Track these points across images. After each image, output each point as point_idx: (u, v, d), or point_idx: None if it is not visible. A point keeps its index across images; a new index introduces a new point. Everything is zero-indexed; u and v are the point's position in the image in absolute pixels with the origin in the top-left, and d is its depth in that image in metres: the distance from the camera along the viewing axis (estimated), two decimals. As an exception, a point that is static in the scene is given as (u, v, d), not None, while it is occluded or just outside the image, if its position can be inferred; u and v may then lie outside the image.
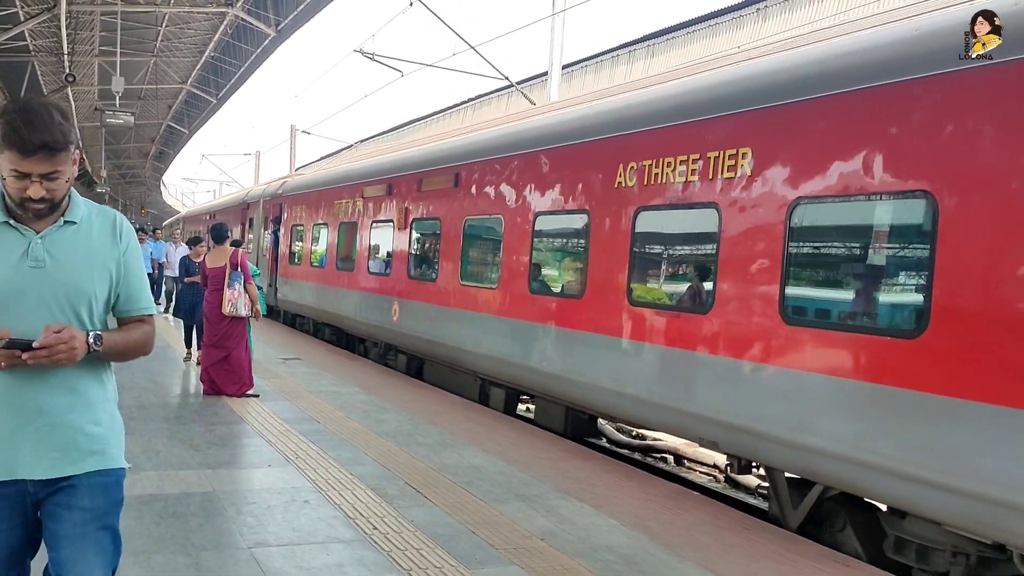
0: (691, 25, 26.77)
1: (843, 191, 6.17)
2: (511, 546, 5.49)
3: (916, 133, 5.72)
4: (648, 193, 8.04)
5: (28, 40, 24.97)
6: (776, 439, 6.52)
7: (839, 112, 6.27)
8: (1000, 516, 4.99)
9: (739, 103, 7.18)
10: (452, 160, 12.29)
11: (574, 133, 9.46)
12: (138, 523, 5.47)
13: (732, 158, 7.08)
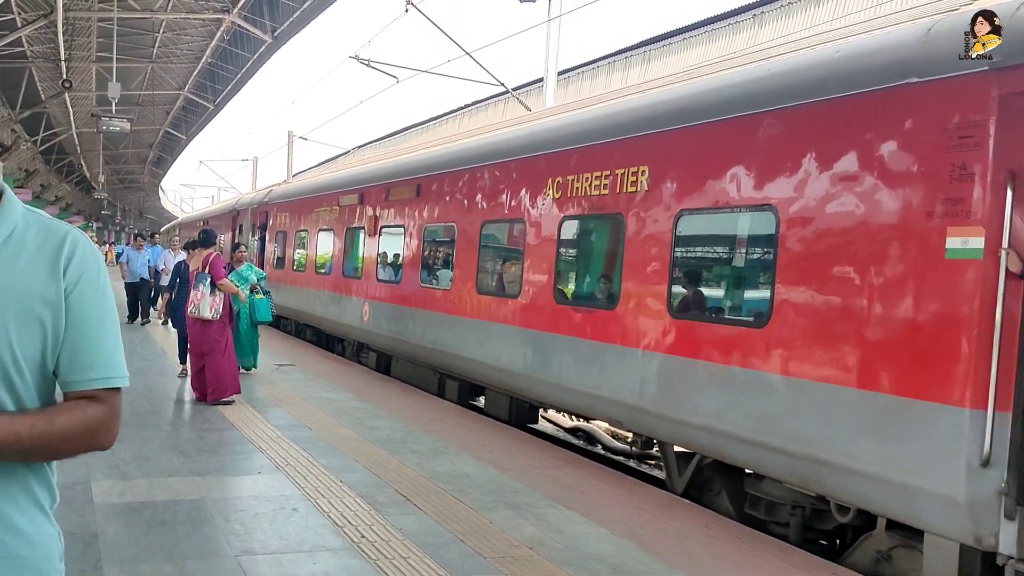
0: (688, 31, 26.80)
1: (714, 204, 7.29)
2: (499, 555, 5.48)
3: (764, 156, 6.80)
4: (570, 204, 9.15)
5: (26, 46, 24.96)
6: (662, 416, 7.60)
7: (710, 138, 7.41)
8: (820, 473, 6.09)
9: (639, 128, 8.31)
10: (414, 172, 13.39)
11: (514, 150, 10.55)
12: (126, 531, 5.46)
13: (634, 175, 8.18)
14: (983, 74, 5.32)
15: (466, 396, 11.88)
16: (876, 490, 5.74)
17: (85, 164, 52.50)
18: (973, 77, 5.39)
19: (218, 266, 10.28)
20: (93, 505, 5.96)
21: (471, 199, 11.25)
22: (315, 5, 22.70)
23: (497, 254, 11.13)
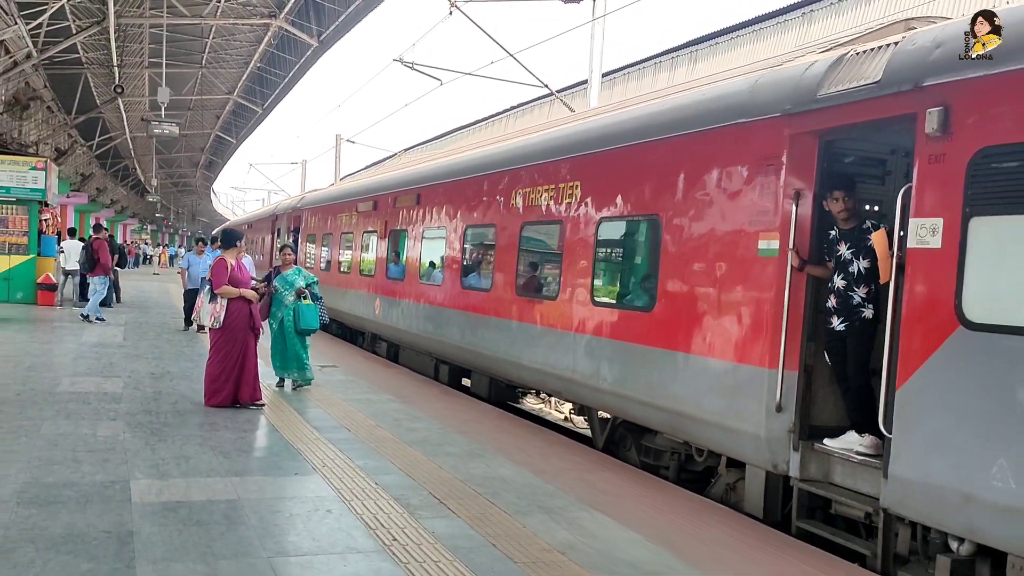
0: (735, 30, 26.54)
1: (621, 213, 9.15)
2: (531, 559, 5.45)
3: (652, 176, 8.62)
4: (528, 212, 11.01)
5: (80, 53, 25.51)
6: (586, 385, 9.42)
7: (618, 160, 9.24)
8: (685, 424, 7.90)
9: (575, 150, 10.19)
10: (415, 183, 15.50)
11: (487, 166, 12.54)
12: (161, 531, 5.52)
13: (571, 188, 10.01)
14: (779, 118, 7.05)
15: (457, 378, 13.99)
16: (717, 434, 7.52)
17: (139, 168, 53.45)
18: (773, 120, 7.10)
19: (218, 271, 9.85)
20: (131, 504, 6.04)
21: (456, 208, 13.37)
22: (360, 9, 22.90)
23: (481, 254, 12.80)
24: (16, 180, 22.78)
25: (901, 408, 5.80)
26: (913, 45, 6.19)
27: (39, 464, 6.95)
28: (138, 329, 18.18)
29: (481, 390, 12.87)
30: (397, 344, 16.28)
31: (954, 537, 5.51)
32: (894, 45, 6.36)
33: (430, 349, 14.19)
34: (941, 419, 5.57)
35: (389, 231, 16.51)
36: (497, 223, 11.81)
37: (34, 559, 4.88)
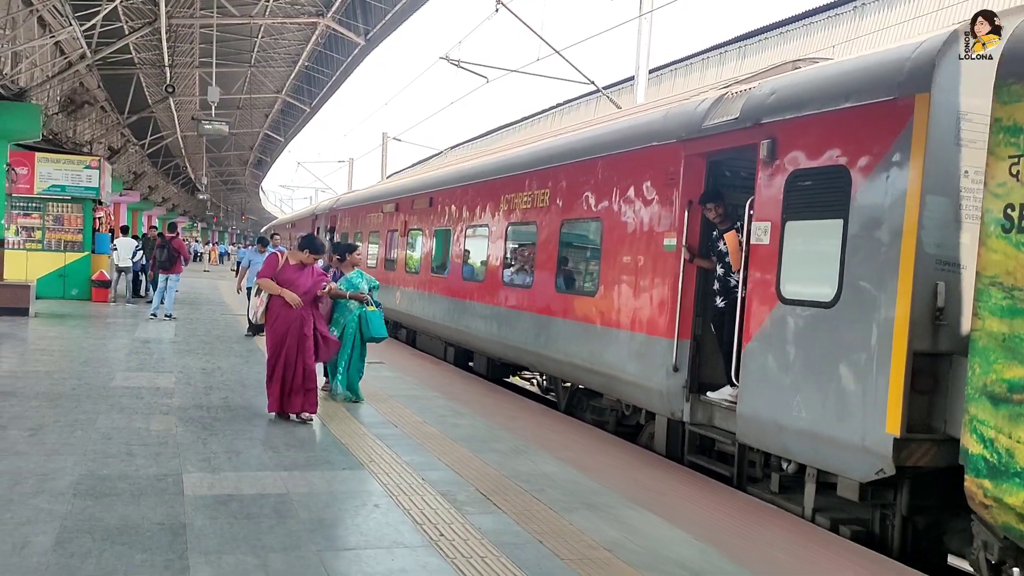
0: (785, 25, 26.25)
1: (577, 215, 11.09)
2: (577, 556, 5.45)
3: (596, 185, 10.59)
4: (513, 215, 13.03)
5: (133, 53, 25.95)
6: (550, 359, 11.42)
7: (575, 172, 11.19)
8: (616, 385, 9.89)
9: (545, 162, 12.18)
10: (428, 188, 17.64)
11: (482, 175, 14.72)
12: (212, 523, 5.61)
13: (543, 194, 12.00)
14: (677, 143, 9.08)
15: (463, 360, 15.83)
16: (637, 392, 9.46)
17: (190, 166, 54.29)
18: (673, 145, 9.13)
19: (266, 264, 9.40)
20: (183, 497, 6.14)
21: (460, 210, 15.38)
22: (406, 7, 22.99)
23: (478, 250, 14.61)
24: (71, 179, 23.25)
25: (744, 363, 7.79)
26: (759, 91, 8.10)
27: (94, 457, 7.09)
28: (189, 325, 18.46)
29: (481, 368, 14.81)
30: (414, 331, 18.74)
31: (785, 459, 7.55)
32: (749, 90, 8.32)
33: (439, 335, 16.44)
34: (765, 369, 7.51)
35: (408, 230, 18.73)
36: (489, 224, 13.92)
37: (91, 549, 4.99)
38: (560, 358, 11.06)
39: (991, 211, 5.44)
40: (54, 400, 9.35)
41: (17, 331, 15.49)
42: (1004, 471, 5.19)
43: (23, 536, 5.14)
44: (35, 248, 23.22)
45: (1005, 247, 5.30)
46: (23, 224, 23.16)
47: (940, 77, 6.28)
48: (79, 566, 4.74)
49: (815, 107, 7.30)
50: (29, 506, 5.72)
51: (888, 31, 21.78)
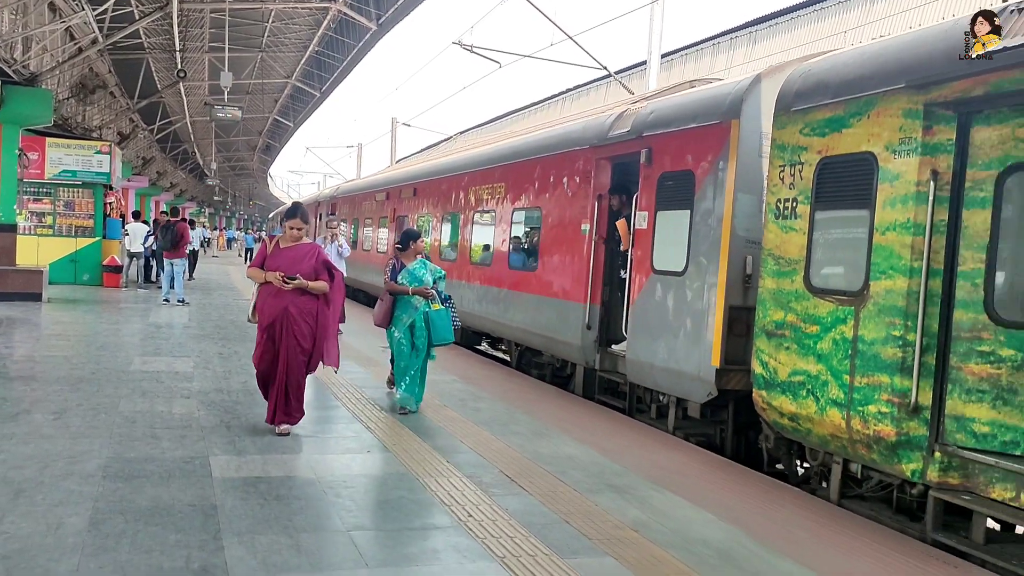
0: (796, 10, 26.11)
1: (525, 206, 13.23)
2: (604, 536, 5.49)
3: (537, 180, 12.78)
4: (476, 205, 15.30)
5: (143, 38, 25.91)
6: (505, 324, 13.63)
7: (522, 169, 13.41)
8: (550, 344, 12.02)
9: (500, 160, 14.50)
10: (412, 180, 20.23)
11: (451, 170, 17.20)
12: (244, 504, 5.66)
13: (500, 188, 14.23)
14: (591, 148, 11.16)
15: None
16: (564, 348, 11.57)
17: (198, 151, 54.32)
18: (591, 149, 11.16)
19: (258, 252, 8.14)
20: (212, 479, 6.20)
21: (440, 200, 17.59)
22: (419, -8, 22.94)
23: (451, 234, 16.81)
24: (82, 164, 23.30)
25: (630, 320, 9.97)
26: (643, 111, 10.33)
27: (120, 440, 7.15)
28: (203, 310, 18.53)
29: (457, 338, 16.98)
30: None
31: (660, 393, 9.64)
32: (639, 109, 10.57)
33: None
34: (642, 324, 9.69)
35: (396, 217, 20.95)
36: (460, 212, 16.12)
37: (125, 530, 5.04)
38: (512, 324, 13.30)
39: (770, 204, 7.61)
40: (75, 384, 9.41)
41: (31, 316, 15.56)
42: (772, 384, 7.34)
43: (57, 517, 5.19)
44: (46, 233, 23.30)
45: (776, 229, 7.47)
46: (34, 209, 23.23)
47: (747, 108, 8.50)
48: (114, 546, 4.79)
49: (677, 125, 9.49)
50: (60, 488, 5.77)
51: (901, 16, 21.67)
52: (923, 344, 6.03)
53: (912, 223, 6.13)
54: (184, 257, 19.84)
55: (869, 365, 6.37)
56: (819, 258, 7.02)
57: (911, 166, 6.20)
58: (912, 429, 6.09)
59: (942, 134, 6.08)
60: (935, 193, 6.01)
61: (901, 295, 6.16)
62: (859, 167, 6.69)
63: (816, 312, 6.90)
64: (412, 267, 9.12)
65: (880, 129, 6.50)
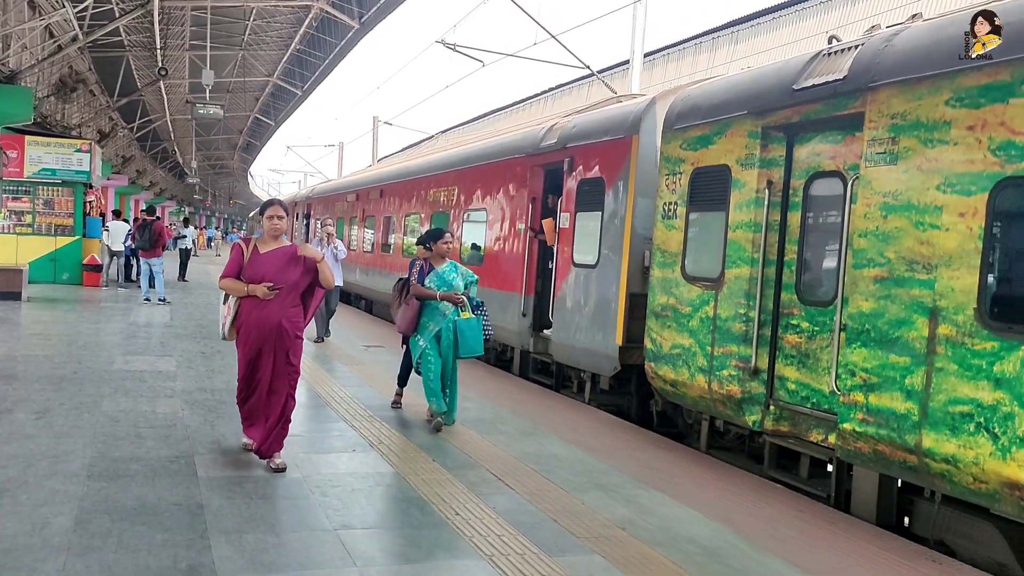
0: (778, 10, 26.23)
1: (473, 207, 14.55)
2: (592, 535, 5.51)
3: (483, 184, 14.14)
4: (434, 206, 16.70)
5: (123, 36, 25.75)
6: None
7: (471, 174, 14.86)
8: (496, 331, 12.53)
9: (454, 165, 16.00)
10: (379, 182, 21.66)
11: (413, 173, 18.74)
12: (229, 503, 5.64)
13: (455, 190, 15.62)
14: (526, 156, 12.55)
15: None
16: (505, 334, 12.78)
17: (178, 150, 53.94)
18: (527, 157, 12.53)
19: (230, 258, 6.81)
20: (197, 478, 6.17)
21: (401, 201, 19.09)
22: (401, -10, 22.88)
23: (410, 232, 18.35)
24: (62, 162, 23.11)
25: (555, 307, 11.39)
26: (568, 125, 11.70)
27: (104, 439, 7.10)
28: (184, 310, 18.43)
29: None
30: (371, 301, 22.79)
31: (580, 369, 10.95)
32: (560, 124, 12.06)
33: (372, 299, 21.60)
34: (565, 310, 11.08)
35: (365, 217, 22.56)
36: (420, 212, 17.66)
37: (111, 529, 5.01)
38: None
39: (658, 207, 9.04)
40: (57, 384, 9.34)
41: (11, 315, 15.43)
42: (658, 357, 8.77)
43: (42, 517, 5.16)
44: (25, 232, 23.09)
45: (662, 228, 8.93)
46: (13, 208, 23.01)
47: (644, 125, 9.96)
48: (100, 546, 4.76)
49: (592, 138, 10.86)
50: (44, 488, 5.73)
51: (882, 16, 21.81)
52: (760, 320, 7.49)
53: (753, 223, 7.58)
54: (160, 257, 19.70)
55: (724, 338, 7.83)
56: (691, 251, 8.47)
57: (753, 176, 7.64)
58: (753, 388, 7.56)
59: (775, 151, 7.53)
60: (769, 199, 7.48)
61: (745, 280, 7.63)
62: (719, 176, 8.09)
63: (689, 296, 8.37)
64: (442, 270, 8.38)
65: (733, 146, 7.92)
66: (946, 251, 5.74)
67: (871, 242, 6.36)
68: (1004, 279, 5.55)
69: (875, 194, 6.38)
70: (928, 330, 5.81)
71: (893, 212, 6.21)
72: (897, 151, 6.23)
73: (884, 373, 6.14)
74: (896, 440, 6.01)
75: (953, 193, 5.74)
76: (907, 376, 5.94)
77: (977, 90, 5.63)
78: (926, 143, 6.00)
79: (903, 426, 5.95)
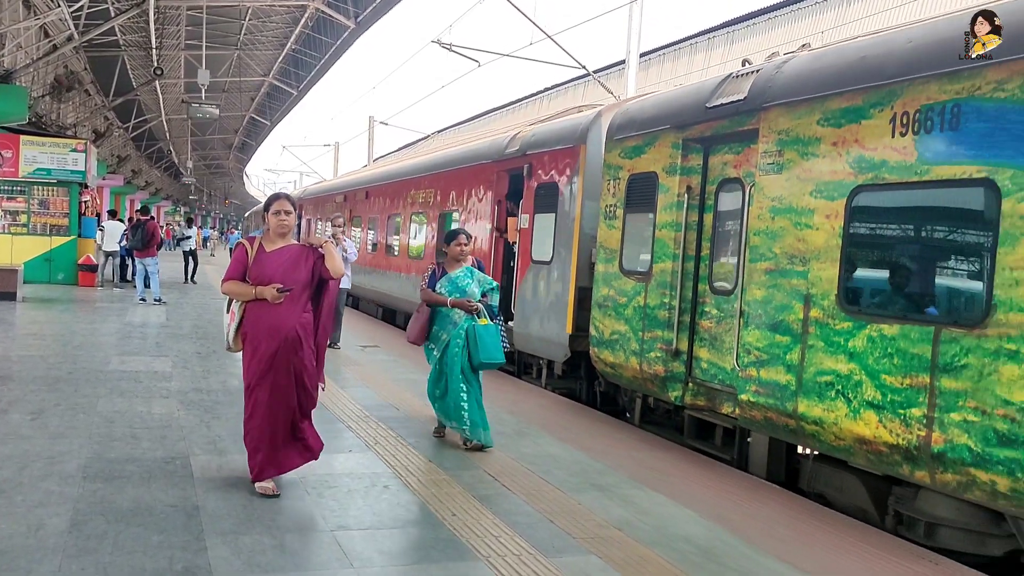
0: (774, 10, 26.27)
1: (447, 208, 15.63)
2: (589, 535, 5.51)
3: (455, 187, 15.31)
4: (415, 207, 17.77)
5: (118, 35, 25.73)
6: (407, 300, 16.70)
7: (446, 178, 15.97)
8: None
9: (432, 169, 17.20)
10: (366, 184, 22.90)
11: (397, 176, 19.99)
12: (226, 504, 5.63)
13: (432, 192, 16.74)
14: (492, 162, 13.63)
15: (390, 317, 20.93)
16: None
17: (174, 150, 53.93)
18: (493, 163, 13.59)
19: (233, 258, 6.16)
20: (193, 479, 6.16)
21: (388, 202, 20.20)
22: (398, -10, 22.88)
23: (395, 232, 19.48)
24: (57, 162, 23.05)
25: (516, 301, 12.20)
26: (528, 134, 12.76)
27: (99, 440, 7.09)
28: (179, 310, 18.41)
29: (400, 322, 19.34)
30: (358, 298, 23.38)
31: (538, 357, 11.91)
32: (523, 133, 13.18)
33: (373, 299, 21.71)
34: (524, 302, 11.94)
35: (352, 217, 23.39)
36: (401, 214, 18.89)
37: (107, 531, 5.00)
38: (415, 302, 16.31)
39: (602, 208, 10.06)
40: (52, 384, 9.32)
41: (6, 315, 15.40)
42: (601, 343, 9.69)
43: (37, 519, 5.14)
44: (20, 232, 23.04)
45: (605, 227, 9.95)
46: (8, 208, 22.96)
47: (591, 135, 10.93)
48: (96, 547, 4.75)
49: (548, 146, 11.93)
50: (40, 489, 5.72)
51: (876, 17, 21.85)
52: (680, 308, 8.53)
53: (675, 223, 8.62)
54: (155, 256, 19.66)
55: (651, 324, 8.86)
56: (627, 248, 9.51)
57: (675, 183, 8.68)
58: (675, 368, 8.59)
59: (693, 160, 8.60)
60: (688, 202, 8.55)
61: (669, 274, 8.67)
62: (649, 182, 9.13)
63: (625, 288, 9.40)
64: (455, 275, 7.78)
65: (660, 156, 8.96)
66: (816, 247, 6.77)
67: (762, 240, 7.35)
68: (856, 270, 6.60)
69: (765, 198, 7.36)
70: (803, 314, 6.84)
71: (779, 214, 7.20)
72: (782, 162, 7.23)
73: (771, 351, 7.14)
74: (779, 408, 7.00)
75: (821, 198, 6.78)
76: (787, 353, 6.95)
77: (839, 112, 6.68)
78: (803, 155, 7.01)
79: (784, 395, 6.95)
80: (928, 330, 5.76)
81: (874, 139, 6.34)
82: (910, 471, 5.91)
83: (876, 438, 6.08)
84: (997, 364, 5.29)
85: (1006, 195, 5.33)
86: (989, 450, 5.31)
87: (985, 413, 5.34)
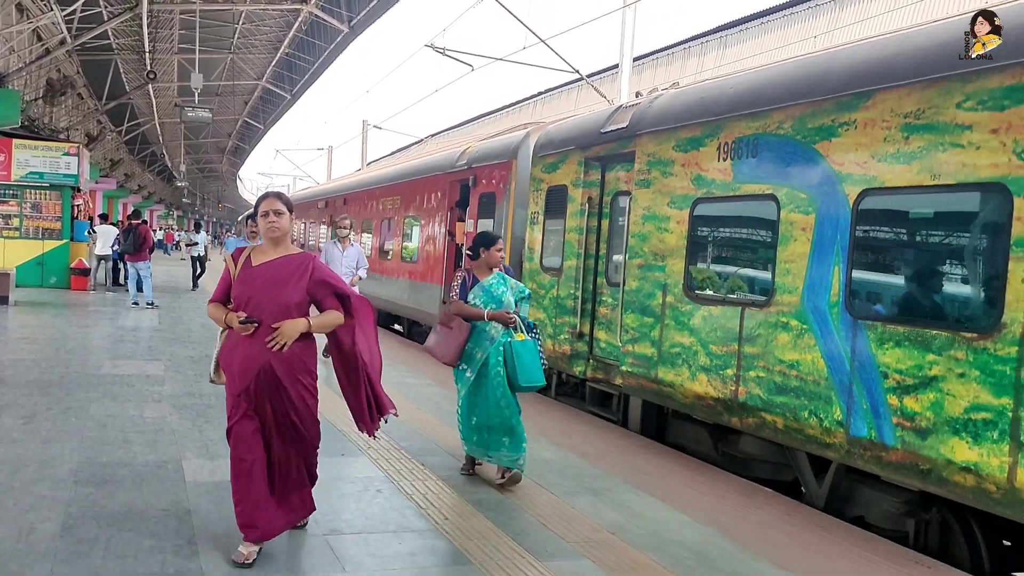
0: (766, 15, 26.31)
1: (411, 215, 17.41)
2: (582, 539, 5.50)
3: (418, 195, 17.14)
4: (385, 213, 19.51)
5: (111, 39, 25.68)
6: (401, 305, 17.74)
7: (409, 187, 17.76)
8: (425, 316, 16.24)
9: (397, 179, 18.89)
10: (345, 191, 24.74)
11: (368, 184, 21.82)
12: (218, 508, 5.60)
13: (397, 199, 18.41)
14: (446, 173, 15.60)
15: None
16: (430, 319, 15.32)
17: (167, 154, 53.81)
18: (446, 174, 15.62)
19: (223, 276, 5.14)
20: (185, 483, 6.13)
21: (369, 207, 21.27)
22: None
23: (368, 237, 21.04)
24: (49, 165, 22.96)
25: None
26: (475, 149, 14.57)
27: (91, 444, 7.06)
28: (172, 314, 18.36)
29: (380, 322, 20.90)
30: None
31: None
32: (470, 148, 15.05)
33: None
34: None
35: (332, 220, 24.24)
36: (373, 219, 20.40)
37: (98, 535, 4.98)
38: (404, 304, 17.56)
39: (528, 215, 11.80)
40: (44, 388, 9.28)
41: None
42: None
43: (28, 523, 5.12)
44: (12, 236, 22.94)
45: (530, 231, 11.72)
46: (0, 211, 22.89)
47: (521, 152, 12.65)
48: (88, 552, 4.73)
49: (488, 160, 13.72)
50: (31, 493, 5.69)
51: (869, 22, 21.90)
52: (583, 298, 10.35)
53: (580, 228, 10.39)
54: (147, 260, 19.61)
55: (562, 311, 10.70)
56: (546, 249, 11.31)
57: (580, 194, 10.48)
58: (579, 347, 10.41)
59: (593, 175, 10.40)
60: (589, 211, 10.31)
61: (575, 269, 10.45)
62: (561, 193, 10.90)
63: (544, 282, 11.18)
64: (488, 283, 6.85)
65: (569, 171, 10.77)
66: (671, 246, 8.60)
67: (637, 241, 9.17)
68: (695, 263, 8.38)
69: (639, 208, 9.16)
70: (662, 299, 8.65)
71: (647, 220, 9.02)
72: (650, 179, 9.03)
73: (641, 330, 8.92)
74: (647, 375, 8.76)
75: (674, 208, 8.57)
76: (652, 331, 8.75)
77: (686, 140, 8.46)
78: (663, 174, 8.79)
79: (650, 365, 8.71)
80: (737, 309, 7.56)
81: (707, 162, 8.11)
82: (728, 418, 7.61)
83: (707, 394, 7.82)
84: (776, 333, 7.04)
85: (783, 207, 7.09)
86: (771, 397, 7.04)
87: (769, 370, 7.08)
